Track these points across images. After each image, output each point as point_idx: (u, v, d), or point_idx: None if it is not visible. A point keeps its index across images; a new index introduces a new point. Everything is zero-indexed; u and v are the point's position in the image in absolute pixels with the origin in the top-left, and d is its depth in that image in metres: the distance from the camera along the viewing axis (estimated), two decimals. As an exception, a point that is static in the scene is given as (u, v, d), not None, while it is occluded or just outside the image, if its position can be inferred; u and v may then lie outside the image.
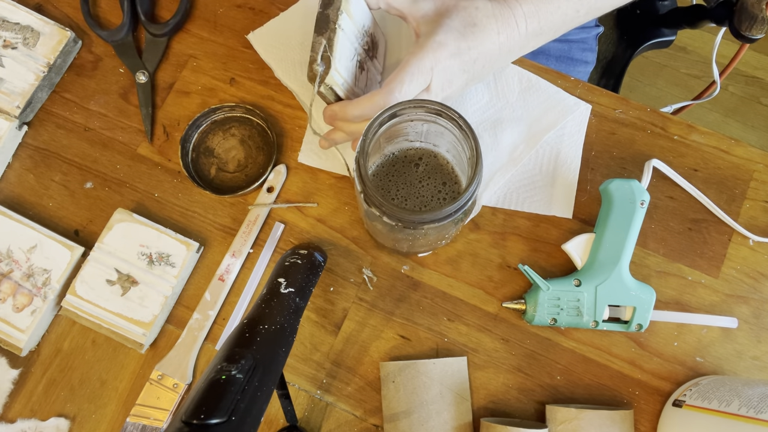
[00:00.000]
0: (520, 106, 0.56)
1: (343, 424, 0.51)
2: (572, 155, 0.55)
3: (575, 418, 0.46)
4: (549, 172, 0.55)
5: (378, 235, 0.50)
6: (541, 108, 0.56)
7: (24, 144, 0.58)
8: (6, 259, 0.53)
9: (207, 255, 0.55)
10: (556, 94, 0.56)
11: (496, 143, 0.55)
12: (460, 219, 0.42)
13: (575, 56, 0.75)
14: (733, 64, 0.77)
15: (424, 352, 0.52)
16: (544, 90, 0.56)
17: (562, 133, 0.56)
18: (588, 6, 0.49)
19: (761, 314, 0.52)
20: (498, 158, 0.55)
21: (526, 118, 0.56)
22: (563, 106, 0.55)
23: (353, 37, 0.49)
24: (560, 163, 0.55)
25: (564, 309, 0.49)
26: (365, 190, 0.40)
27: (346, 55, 0.48)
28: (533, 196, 0.55)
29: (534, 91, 0.56)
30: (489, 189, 0.54)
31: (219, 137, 0.57)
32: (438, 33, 0.46)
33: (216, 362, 0.35)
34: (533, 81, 0.56)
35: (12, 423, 0.52)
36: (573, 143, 0.55)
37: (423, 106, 0.40)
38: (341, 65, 0.47)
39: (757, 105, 1.42)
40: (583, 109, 0.56)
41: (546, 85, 0.56)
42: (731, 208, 0.54)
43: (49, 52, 0.57)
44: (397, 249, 0.52)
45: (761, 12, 0.68)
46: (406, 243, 0.48)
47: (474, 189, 0.39)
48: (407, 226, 0.40)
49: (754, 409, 0.40)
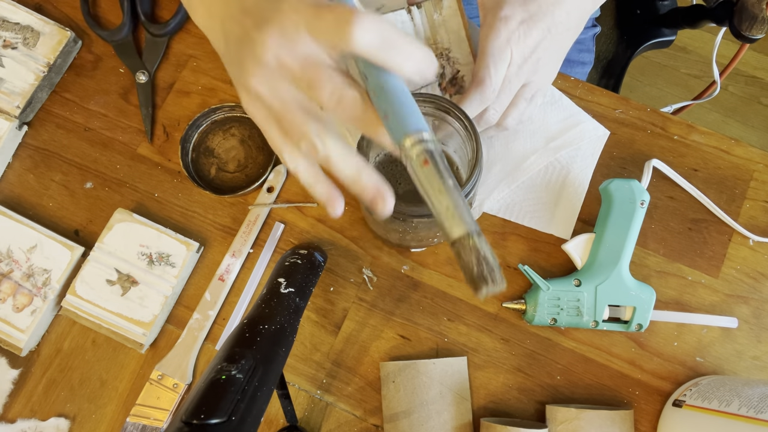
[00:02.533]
0: (539, 119, 0.55)
1: (343, 424, 0.51)
2: (581, 178, 0.54)
3: (575, 418, 0.46)
4: (555, 190, 0.54)
5: (371, 222, 0.49)
6: (560, 125, 0.54)
7: (24, 144, 0.58)
8: (6, 259, 0.53)
9: (207, 255, 0.55)
10: (577, 114, 0.54)
11: (507, 152, 0.54)
12: None
13: (572, 57, 0.75)
14: (733, 64, 0.78)
15: (424, 352, 0.52)
16: (566, 108, 0.55)
17: (575, 154, 0.54)
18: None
19: (761, 314, 0.52)
20: (506, 167, 0.54)
21: (543, 132, 0.54)
22: (582, 128, 0.54)
23: None
24: (568, 183, 0.54)
25: (564, 309, 0.49)
26: None
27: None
28: (535, 211, 0.54)
29: (556, 107, 0.55)
30: (492, 196, 0.53)
31: (219, 137, 0.57)
32: (503, 7, 0.44)
33: (216, 362, 0.35)
34: (556, 97, 0.55)
35: (12, 423, 0.52)
36: (584, 166, 0.54)
37: (433, 101, 0.40)
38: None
39: (757, 105, 1.42)
40: (601, 133, 0.54)
41: (569, 103, 0.55)
42: (731, 208, 0.54)
43: (49, 52, 0.57)
44: (389, 240, 0.52)
45: (761, 12, 0.68)
46: (396, 234, 0.47)
47: (467, 191, 0.39)
48: (397, 217, 0.40)
49: (754, 409, 0.40)
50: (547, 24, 0.45)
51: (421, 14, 0.49)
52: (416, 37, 0.50)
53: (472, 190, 0.40)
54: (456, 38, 0.50)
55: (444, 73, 0.51)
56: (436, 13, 0.49)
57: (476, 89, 0.45)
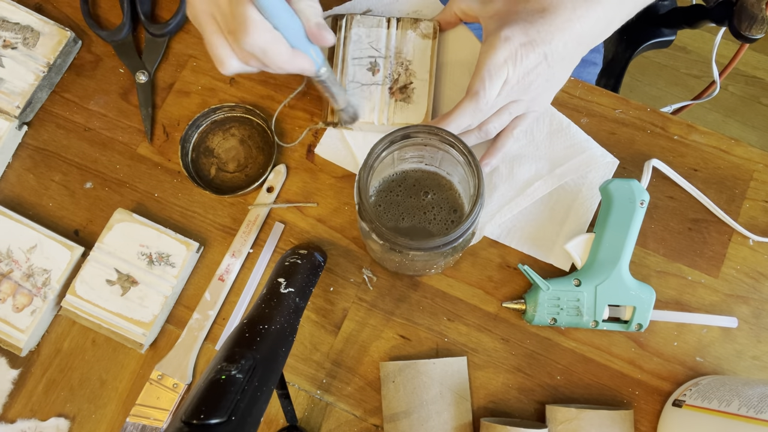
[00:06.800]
0: (546, 146, 0.54)
1: (343, 424, 0.51)
2: (586, 208, 0.53)
3: (575, 418, 0.46)
4: (558, 220, 0.53)
5: (370, 249, 0.50)
6: (567, 153, 0.53)
7: (24, 144, 0.58)
8: (6, 259, 0.53)
9: (207, 255, 0.55)
10: (585, 142, 0.53)
11: (512, 175, 0.53)
12: (449, 253, 0.42)
13: (585, 57, 0.75)
14: (733, 64, 0.77)
15: (424, 352, 0.52)
16: (574, 136, 0.54)
17: (582, 183, 0.53)
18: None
19: (761, 314, 0.52)
20: (509, 190, 0.53)
21: (549, 158, 0.54)
22: (589, 155, 0.53)
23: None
24: (573, 212, 0.53)
25: (564, 309, 0.49)
26: (361, 204, 0.40)
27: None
28: (536, 240, 0.53)
29: (563, 135, 0.54)
30: (494, 221, 0.52)
31: (219, 137, 0.57)
32: (504, 28, 0.46)
33: (216, 362, 0.35)
34: (564, 125, 0.54)
35: (12, 423, 0.52)
36: (590, 196, 0.53)
37: (437, 134, 0.40)
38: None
39: (757, 105, 1.42)
40: (609, 161, 0.53)
41: (576, 131, 0.54)
42: (731, 208, 0.54)
43: (49, 52, 0.57)
44: (386, 267, 0.52)
45: (761, 12, 0.68)
46: (393, 263, 0.48)
47: (466, 228, 0.39)
48: (395, 249, 0.40)
49: (754, 409, 0.40)
50: (545, 51, 0.46)
51: (399, 26, 0.55)
52: (383, 42, 0.55)
53: (472, 225, 0.39)
54: (420, 56, 0.55)
55: (398, 79, 0.54)
56: (411, 31, 0.55)
57: (470, 100, 0.47)
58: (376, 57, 0.55)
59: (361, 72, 0.54)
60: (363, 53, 0.55)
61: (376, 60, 0.55)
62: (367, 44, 0.55)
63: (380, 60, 0.54)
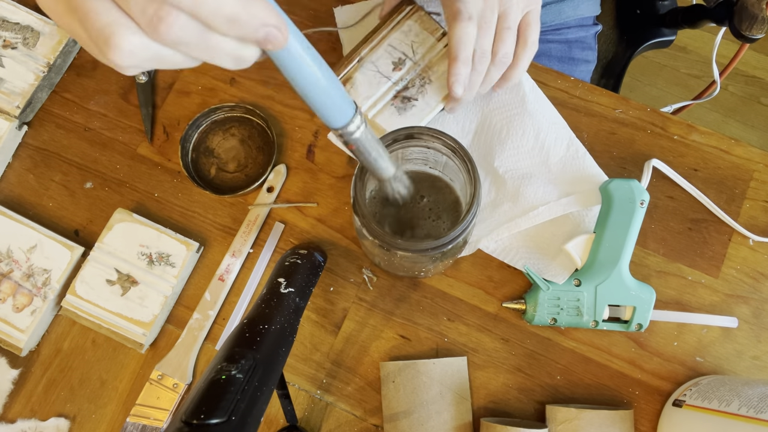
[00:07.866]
0: (558, 170, 0.53)
1: (343, 424, 0.51)
2: (588, 239, 0.51)
3: (575, 418, 0.46)
4: (556, 245, 0.52)
5: (363, 246, 0.50)
6: (577, 183, 0.53)
7: (24, 144, 0.58)
8: (6, 259, 0.53)
9: (207, 255, 0.55)
10: (598, 176, 0.53)
11: (518, 195, 0.52)
12: (438, 258, 0.42)
13: (576, 56, 0.75)
14: (733, 63, 0.77)
15: (424, 352, 0.52)
16: (588, 166, 0.53)
17: (586, 214, 0.53)
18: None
19: (761, 314, 0.52)
20: (513, 210, 0.52)
21: (559, 184, 0.53)
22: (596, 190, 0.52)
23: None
24: (572, 240, 0.51)
25: (564, 309, 0.49)
26: (355, 198, 0.40)
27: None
28: (534, 263, 0.52)
29: (578, 162, 0.53)
30: (492, 236, 0.52)
31: (219, 137, 0.57)
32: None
33: (216, 362, 0.35)
34: (580, 153, 0.54)
35: (12, 423, 0.52)
36: (592, 228, 0.52)
37: (440, 138, 0.40)
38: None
39: (757, 105, 1.42)
40: None
41: (591, 162, 0.53)
42: (731, 208, 0.54)
43: (49, 52, 0.57)
44: (377, 264, 0.52)
45: (761, 12, 0.68)
46: (382, 261, 0.48)
47: (455, 235, 0.39)
48: (382, 246, 0.40)
49: (754, 409, 0.40)
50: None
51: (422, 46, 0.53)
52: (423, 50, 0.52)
53: (462, 233, 0.39)
54: (442, 84, 0.52)
55: (409, 89, 0.52)
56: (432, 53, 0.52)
57: (456, 20, 0.44)
58: (408, 57, 0.52)
59: (385, 61, 0.52)
60: (400, 46, 0.52)
61: (405, 60, 0.52)
62: (409, 41, 0.52)
63: (408, 62, 0.52)
